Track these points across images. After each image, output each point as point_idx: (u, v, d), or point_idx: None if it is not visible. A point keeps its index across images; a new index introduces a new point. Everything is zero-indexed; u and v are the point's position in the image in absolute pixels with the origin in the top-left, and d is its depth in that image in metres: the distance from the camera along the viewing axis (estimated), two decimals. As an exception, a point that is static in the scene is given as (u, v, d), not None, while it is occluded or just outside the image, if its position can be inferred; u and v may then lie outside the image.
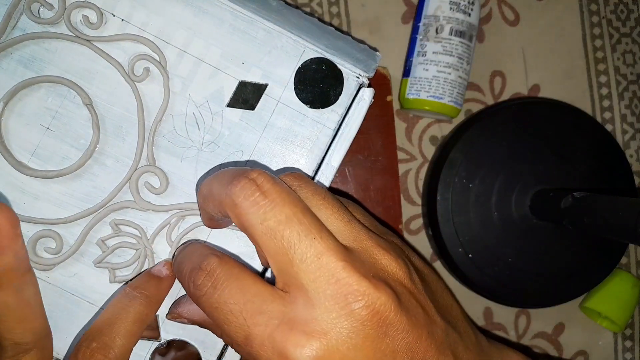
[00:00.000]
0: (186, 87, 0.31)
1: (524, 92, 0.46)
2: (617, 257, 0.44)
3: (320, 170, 0.31)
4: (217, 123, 0.31)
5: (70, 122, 0.30)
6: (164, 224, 0.30)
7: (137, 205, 0.30)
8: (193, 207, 0.30)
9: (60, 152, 0.30)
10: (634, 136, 0.47)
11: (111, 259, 0.30)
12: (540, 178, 0.41)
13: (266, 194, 0.22)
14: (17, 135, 0.30)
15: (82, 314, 0.30)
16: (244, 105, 0.31)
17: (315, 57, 0.31)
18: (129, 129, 0.30)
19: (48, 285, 0.30)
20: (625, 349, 0.48)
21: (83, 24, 0.30)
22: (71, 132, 0.30)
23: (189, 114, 0.31)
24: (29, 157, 0.30)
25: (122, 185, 0.30)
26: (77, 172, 0.30)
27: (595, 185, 0.43)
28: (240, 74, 0.31)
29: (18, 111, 0.30)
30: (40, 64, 0.30)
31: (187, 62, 0.31)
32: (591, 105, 0.47)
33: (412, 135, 0.45)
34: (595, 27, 0.47)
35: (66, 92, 0.30)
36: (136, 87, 0.30)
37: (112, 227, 0.30)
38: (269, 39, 0.31)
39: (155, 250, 0.30)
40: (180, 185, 0.31)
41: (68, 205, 0.30)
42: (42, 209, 0.30)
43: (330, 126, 0.31)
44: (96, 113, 0.30)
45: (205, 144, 0.31)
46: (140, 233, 0.30)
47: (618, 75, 0.47)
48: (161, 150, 0.30)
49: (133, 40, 0.30)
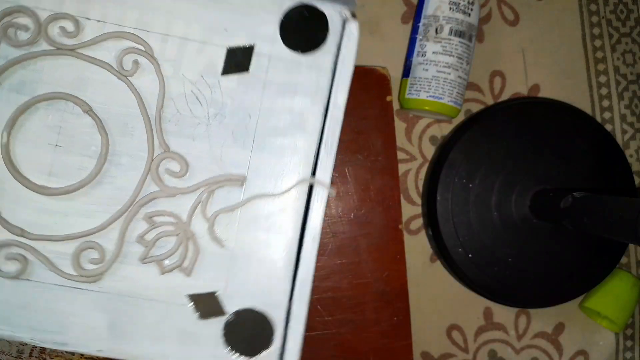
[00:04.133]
0: (178, 68, 0.31)
1: (524, 92, 0.46)
2: (617, 257, 0.44)
3: (329, 112, 0.31)
4: (217, 94, 0.31)
5: (76, 133, 0.30)
6: (196, 203, 0.31)
7: (164, 194, 0.30)
8: (219, 180, 0.31)
9: (75, 165, 0.30)
10: (633, 136, 0.47)
11: (155, 252, 0.30)
12: (540, 178, 0.41)
13: None
14: (29, 160, 0.30)
15: (143, 313, 0.30)
16: (237, 69, 0.31)
17: (295, 5, 0.31)
18: (134, 124, 0.31)
19: (102, 294, 0.30)
20: (625, 348, 0.48)
21: (62, 36, 0.30)
22: (80, 143, 0.30)
23: (188, 94, 0.31)
24: (47, 178, 0.30)
25: (144, 178, 0.30)
26: (97, 178, 0.30)
27: (595, 185, 0.43)
28: (226, 41, 0.31)
29: (23, 137, 0.30)
30: (31, 85, 0.30)
31: (172, 45, 0.31)
32: (591, 105, 0.47)
33: (412, 135, 0.45)
34: (595, 27, 0.47)
35: (64, 105, 0.30)
36: (130, 82, 0.30)
37: (146, 222, 0.30)
38: (244, 0, 0.31)
39: (194, 230, 0.31)
40: (200, 162, 0.31)
41: (97, 213, 0.30)
42: (74, 224, 0.30)
43: (327, 67, 0.31)
44: (98, 117, 0.30)
45: (212, 117, 0.31)
46: (176, 219, 0.30)
47: (618, 75, 0.47)
48: (171, 135, 0.31)
49: (114, 37, 0.30)
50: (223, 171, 0.31)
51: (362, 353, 0.43)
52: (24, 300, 0.30)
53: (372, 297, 0.43)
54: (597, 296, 0.45)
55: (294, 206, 0.31)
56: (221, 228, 0.31)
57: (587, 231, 0.35)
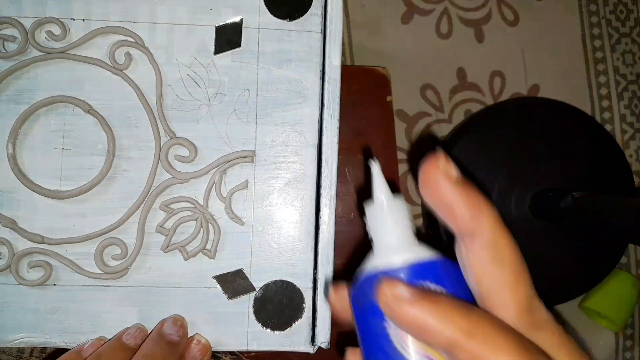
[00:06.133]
0: (170, 54, 0.31)
1: (524, 92, 0.46)
2: (617, 257, 0.44)
3: (326, 74, 0.31)
4: (214, 73, 0.31)
5: (81, 133, 0.30)
6: (210, 185, 0.30)
7: (177, 180, 0.30)
8: (229, 159, 0.31)
9: (85, 165, 0.30)
10: (633, 136, 0.47)
11: (176, 239, 0.30)
12: (540, 178, 0.41)
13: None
14: (38, 167, 0.30)
15: (173, 301, 0.30)
16: (229, 46, 0.31)
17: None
18: (137, 116, 0.31)
19: (131, 289, 0.30)
20: (625, 348, 0.48)
21: (50, 40, 0.30)
22: (86, 143, 0.30)
23: (184, 77, 0.31)
24: (59, 182, 0.30)
25: (155, 167, 0.30)
26: (109, 175, 0.30)
27: (595, 185, 0.42)
28: (213, 20, 0.31)
29: (28, 145, 0.30)
30: (28, 94, 0.30)
31: (161, 32, 0.31)
32: (591, 105, 0.47)
33: (412, 135, 0.45)
34: (595, 28, 0.47)
35: (64, 108, 0.30)
36: (126, 75, 0.30)
37: (164, 210, 0.30)
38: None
39: (212, 212, 0.31)
40: (207, 144, 0.31)
41: (114, 209, 0.30)
42: (93, 224, 0.30)
43: (317, 29, 0.31)
44: (100, 115, 0.30)
45: (212, 97, 0.31)
46: (192, 203, 0.30)
47: (617, 75, 0.47)
48: (175, 121, 0.31)
49: (102, 33, 0.30)
50: (232, 149, 0.31)
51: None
52: (53, 306, 0.30)
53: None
54: (597, 296, 0.45)
55: (306, 173, 0.31)
56: (238, 206, 0.31)
57: (587, 231, 0.34)
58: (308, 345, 0.31)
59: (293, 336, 0.31)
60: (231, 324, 0.30)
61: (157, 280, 0.30)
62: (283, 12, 0.31)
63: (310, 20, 0.31)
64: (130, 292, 0.30)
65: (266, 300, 0.31)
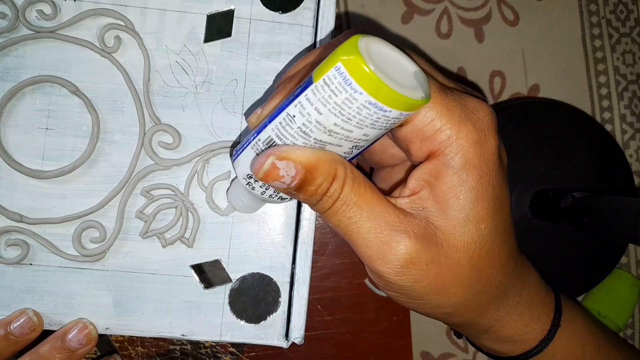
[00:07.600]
0: (160, 40, 0.31)
1: (524, 92, 0.45)
2: (617, 257, 0.43)
3: (315, 69, 0.31)
4: (202, 62, 0.31)
5: (66, 114, 0.30)
6: (192, 173, 0.30)
7: (159, 167, 0.30)
8: (213, 148, 0.30)
9: (68, 146, 0.30)
10: (633, 136, 0.47)
11: (155, 225, 0.30)
12: (540, 178, 0.41)
13: None
14: (21, 145, 0.30)
15: (148, 287, 0.30)
16: (220, 35, 0.31)
17: (269, -36, 0.31)
18: (123, 100, 0.30)
19: (107, 272, 0.30)
20: None
21: (40, 19, 0.30)
22: (70, 124, 0.30)
23: (173, 64, 0.31)
24: (41, 162, 0.30)
25: (138, 153, 0.30)
26: (91, 158, 0.30)
27: (595, 185, 0.42)
28: (205, 8, 0.31)
29: (13, 123, 0.30)
30: (15, 72, 0.30)
31: (152, 17, 0.31)
32: (591, 105, 0.46)
33: None
34: (595, 27, 0.46)
35: (50, 88, 0.30)
36: (114, 58, 0.30)
37: (144, 196, 0.30)
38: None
39: (193, 200, 0.30)
40: (192, 132, 0.31)
41: (95, 192, 0.30)
42: (73, 205, 0.30)
43: (309, 24, 0.31)
44: (86, 97, 0.30)
45: (199, 86, 0.31)
46: (174, 190, 0.30)
47: (617, 75, 0.47)
48: (161, 107, 0.31)
49: (93, 15, 0.30)
50: (216, 139, 0.31)
51: (362, 352, 0.43)
52: (28, 285, 0.30)
53: (372, 296, 0.43)
54: (597, 296, 0.45)
55: (290, 167, 0.31)
56: (220, 196, 0.31)
57: (587, 231, 0.34)
58: (282, 339, 0.31)
59: (267, 329, 0.31)
60: (206, 314, 0.30)
61: (134, 265, 0.30)
62: (276, 4, 0.31)
63: (302, 14, 0.31)
64: (107, 276, 0.30)
65: (242, 292, 0.30)
